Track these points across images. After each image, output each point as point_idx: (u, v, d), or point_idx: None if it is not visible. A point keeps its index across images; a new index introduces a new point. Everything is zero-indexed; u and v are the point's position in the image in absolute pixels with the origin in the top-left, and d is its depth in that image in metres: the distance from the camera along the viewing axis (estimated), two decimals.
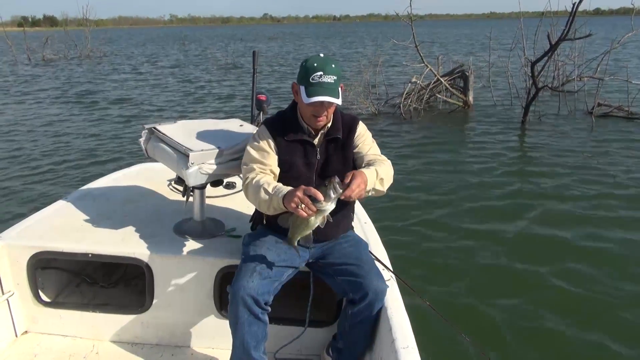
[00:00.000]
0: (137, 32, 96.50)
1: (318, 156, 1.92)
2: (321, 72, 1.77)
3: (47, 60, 23.86)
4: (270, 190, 1.77)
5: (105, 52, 28.03)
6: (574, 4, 7.30)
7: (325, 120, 1.88)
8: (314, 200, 1.62)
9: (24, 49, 25.40)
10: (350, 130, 1.95)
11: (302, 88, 1.79)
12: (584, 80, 9.89)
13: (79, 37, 27.67)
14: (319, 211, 1.64)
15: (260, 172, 1.89)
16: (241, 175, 1.98)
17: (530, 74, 8.36)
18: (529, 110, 8.57)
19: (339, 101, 1.80)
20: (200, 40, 49.49)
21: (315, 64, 1.79)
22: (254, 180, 1.85)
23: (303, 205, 1.61)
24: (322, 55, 1.84)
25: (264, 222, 2.05)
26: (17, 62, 23.26)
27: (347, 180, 1.65)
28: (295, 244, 1.79)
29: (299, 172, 1.90)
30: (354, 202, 2.10)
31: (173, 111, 10.69)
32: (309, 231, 1.74)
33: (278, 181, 1.91)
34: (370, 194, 1.83)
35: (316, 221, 1.69)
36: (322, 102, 1.78)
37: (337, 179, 1.64)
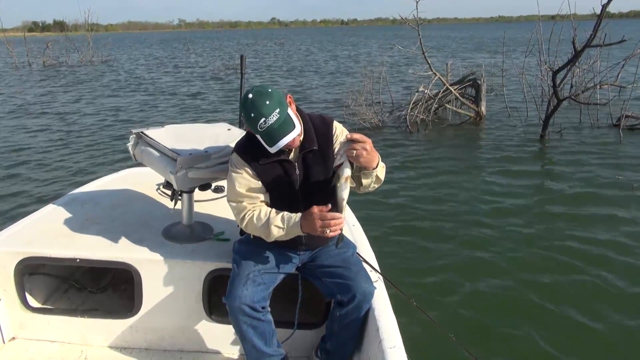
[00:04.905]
0: (146, 36, 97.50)
1: (297, 171, 1.82)
2: (263, 118, 1.63)
3: (48, 65, 23.54)
4: (281, 223, 1.76)
5: (105, 57, 27.50)
6: (603, 5, 6.51)
7: (299, 140, 1.79)
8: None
9: (26, 55, 25.22)
10: (327, 137, 1.85)
11: (259, 137, 1.72)
12: (605, 88, 9.11)
13: (84, 42, 27.31)
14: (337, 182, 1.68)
15: (253, 207, 1.83)
16: (233, 213, 1.90)
17: (551, 84, 7.60)
18: (548, 123, 7.84)
19: (298, 129, 1.71)
20: (204, 44, 49.55)
21: (252, 114, 1.64)
22: (254, 217, 1.80)
23: (330, 228, 1.64)
24: (250, 95, 1.66)
25: None
26: (17, 67, 22.98)
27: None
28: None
29: (282, 192, 1.84)
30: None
31: (163, 115, 10.45)
32: (344, 201, 1.70)
33: None
34: (372, 181, 1.79)
35: (344, 190, 1.68)
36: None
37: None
